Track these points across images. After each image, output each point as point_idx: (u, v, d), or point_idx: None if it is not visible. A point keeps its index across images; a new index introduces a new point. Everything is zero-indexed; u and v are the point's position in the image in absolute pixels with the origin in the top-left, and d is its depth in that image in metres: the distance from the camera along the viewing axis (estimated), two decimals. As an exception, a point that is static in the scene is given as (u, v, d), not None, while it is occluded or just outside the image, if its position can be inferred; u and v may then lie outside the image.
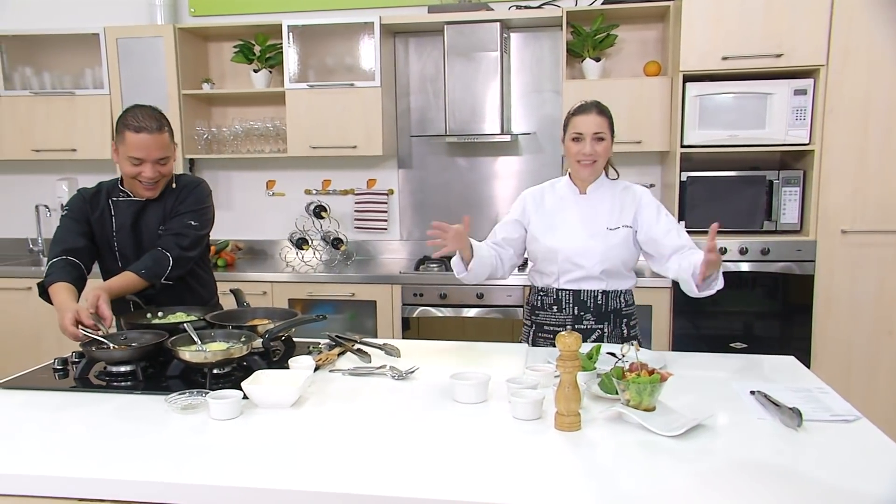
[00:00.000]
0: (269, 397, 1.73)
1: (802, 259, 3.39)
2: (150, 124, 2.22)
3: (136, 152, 2.22)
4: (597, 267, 2.30)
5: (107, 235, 2.36)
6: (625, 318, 2.38)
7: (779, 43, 3.29)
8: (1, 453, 1.49)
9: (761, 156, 3.63)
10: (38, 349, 3.90)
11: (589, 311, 2.34)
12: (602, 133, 2.25)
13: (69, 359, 2.10)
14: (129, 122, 2.22)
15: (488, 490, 1.29)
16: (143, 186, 2.29)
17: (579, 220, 2.33)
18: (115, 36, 3.98)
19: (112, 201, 2.37)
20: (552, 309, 2.38)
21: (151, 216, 2.37)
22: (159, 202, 2.37)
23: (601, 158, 2.28)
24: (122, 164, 2.27)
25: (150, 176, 2.26)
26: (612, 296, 2.34)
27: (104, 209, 2.37)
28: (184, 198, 2.39)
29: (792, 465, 1.40)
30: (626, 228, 2.31)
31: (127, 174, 2.28)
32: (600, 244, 2.29)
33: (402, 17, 3.84)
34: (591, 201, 2.35)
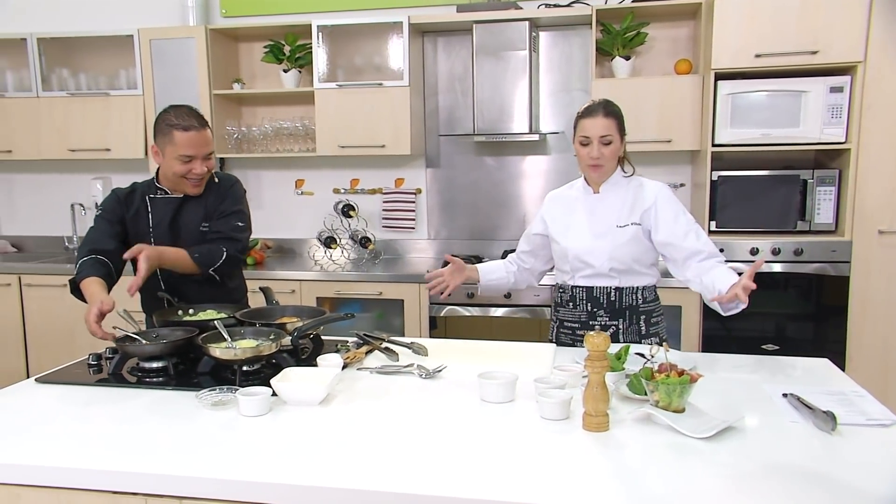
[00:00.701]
0: (297, 394, 1.74)
1: (837, 260, 3.33)
2: (195, 122, 2.29)
3: (187, 150, 2.27)
4: (606, 265, 2.29)
5: (143, 233, 2.40)
6: (643, 314, 2.35)
7: (814, 40, 3.22)
8: (37, 446, 1.53)
9: (795, 155, 3.57)
10: (73, 344, 3.98)
11: (602, 307, 2.34)
12: (609, 136, 2.23)
13: (103, 354, 2.14)
14: (175, 123, 2.27)
15: (516, 489, 1.29)
16: (192, 184, 2.35)
17: (589, 220, 2.33)
18: (149, 37, 4.04)
19: (149, 199, 2.42)
20: (569, 305, 2.40)
21: (191, 213, 2.41)
22: (199, 199, 2.42)
23: (609, 161, 2.27)
24: (171, 164, 2.30)
25: (199, 172, 2.31)
26: (626, 292, 2.33)
27: (140, 207, 2.41)
28: (223, 196, 2.44)
29: (826, 469, 1.37)
30: (636, 226, 2.28)
31: (176, 173, 2.31)
32: (608, 243, 2.29)
33: (430, 17, 3.84)
34: (603, 200, 2.34)
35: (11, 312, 4.10)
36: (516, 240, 4.04)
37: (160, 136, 2.32)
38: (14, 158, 4.34)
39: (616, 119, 2.26)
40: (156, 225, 2.41)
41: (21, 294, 4.09)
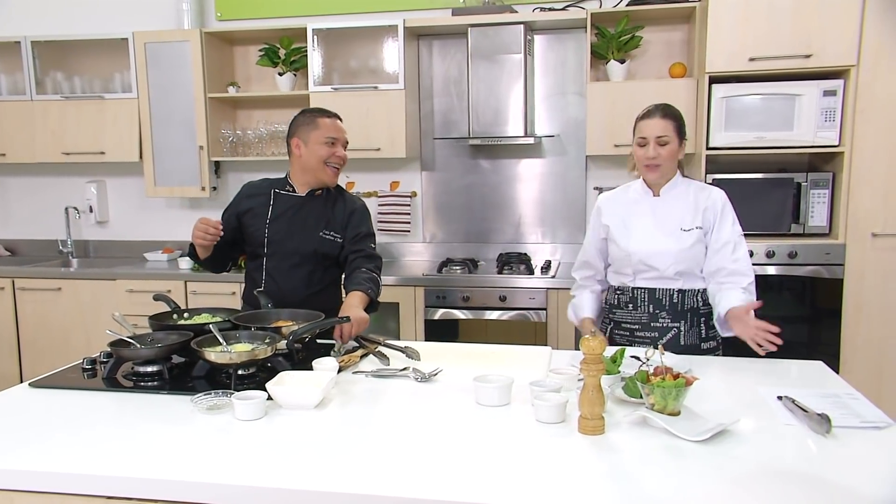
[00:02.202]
0: (293, 398, 1.74)
1: (831, 263, 3.34)
2: (333, 114, 2.54)
3: (333, 132, 2.48)
4: (671, 269, 2.29)
5: (259, 225, 2.53)
6: (703, 317, 2.34)
7: (808, 43, 3.24)
8: (31, 451, 1.52)
9: (789, 158, 3.58)
10: (67, 348, 3.97)
11: (664, 309, 2.32)
12: (665, 136, 2.24)
13: (97, 358, 2.13)
14: (316, 112, 2.52)
15: (512, 493, 1.29)
16: (331, 171, 2.50)
17: (652, 222, 2.32)
18: (144, 41, 4.04)
19: (275, 192, 2.56)
20: (628, 307, 2.38)
21: (311, 214, 2.54)
22: (321, 203, 2.56)
23: (666, 162, 2.27)
24: (316, 149, 2.47)
25: (342, 155, 2.51)
26: (688, 294, 2.32)
27: (264, 200, 2.55)
28: (356, 214, 2.57)
29: (820, 472, 1.38)
30: (699, 230, 2.29)
31: (321, 157, 2.47)
32: (673, 246, 2.28)
33: (426, 20, 3.85)
34: (665, 202, 2.33)
35: (5, 316, 4.09)
36: (512, 243, 4.10)
37: (303, 126, 2.49)
38: (8, 162, 4.33)
39: (674, 121, 2.27)
40: (273, 218, 2.52)
41: (15, 298, 4.08)
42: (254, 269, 2.57)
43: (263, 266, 2.54)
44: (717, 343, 2.36)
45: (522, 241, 4.12)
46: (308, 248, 2.51)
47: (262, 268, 2.54)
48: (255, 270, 2.57)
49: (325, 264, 2.55)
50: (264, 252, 2.53)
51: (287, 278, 2.51)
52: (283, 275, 2.51)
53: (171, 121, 4.10)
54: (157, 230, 4.55)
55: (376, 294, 2.45)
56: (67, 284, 4.02)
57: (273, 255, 2.53)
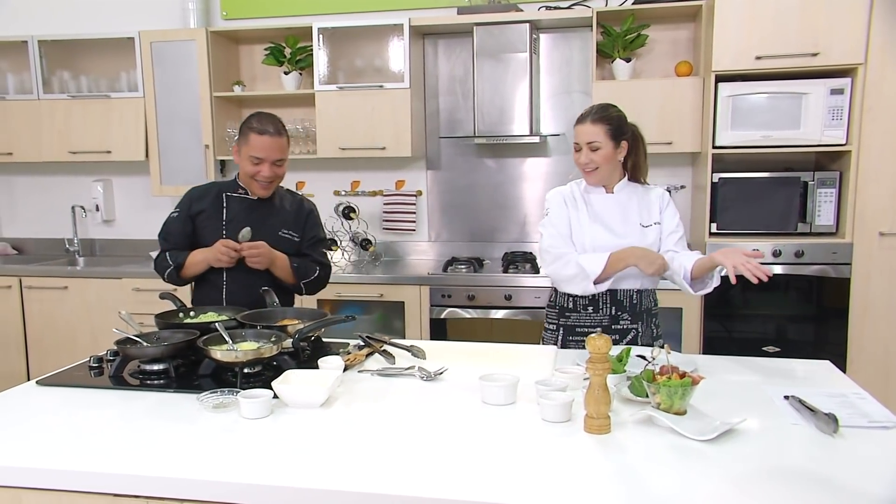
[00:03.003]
0: (298, 397, 1.74)
1: (838, 262, 3.33)
2: (272, 129, 2.43)
3: (258, 152, 2.42)
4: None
5: (215, 228, 2.51)
6: (654, 317, 2.40)
7: (815, 42, 3.23)
8: (38, 448, 1.52)
9: (795, 157, 3.57)
10: (74, 347, 3.99)
11: (626, 310, 2.34)
12: (596, 142, 2.25)
13: (104, 357, 2.14)
14: (253, 126, 2.44)
15: (517, 492, 1.29)
16: (259, 185, 2.48)
17: (612, 218, 2.33)
18: (150, 40, 4.05)
19: (226, 196, 2.55)
20: (587, 310, 2.36)
21: (268, 216, 2.54)
22: (276, 205, 2.58)
23: (602, 165, 2.28)
24: (243, 163, 2.46)
25: (267, 175, 2.45)
26: (644, 295, 2.37)
27: (215, 204, 2.54)
28: (309, 219, 2.63)
29: (827, 471, 1.37)
30: (658, 226, 2.34)
31: (247, 173, 2.47)
32: (636, 241, 2.30)
33: (431, 19, 3.85)
34: (620, 199, 2.35)
35: (12, 314, 4.10)
36: (517, 242, 4.10)
37: (240, 137, 2.47)
38: (15, 161, 4.34)
39: (606, 124, 2.26)
40: (229, 221, 2.51)
41: (22, 296, 4.09)
42: (211, 271, 2.50)
43: (223, 268, 2.47)
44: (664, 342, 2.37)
45: (528, 240, 4.11)
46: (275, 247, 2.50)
47: (222, 269, 2.48)
48: (212, 273, 2.49)
49: None
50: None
51: (249, 278, 2.46)
52: (245, 275, 2.45)
53: (177, 120, 4.10)
54: (163, 229, 4.56)
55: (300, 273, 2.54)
56: (74, 283, 4.03)
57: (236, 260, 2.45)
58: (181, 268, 2.49)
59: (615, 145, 2.28)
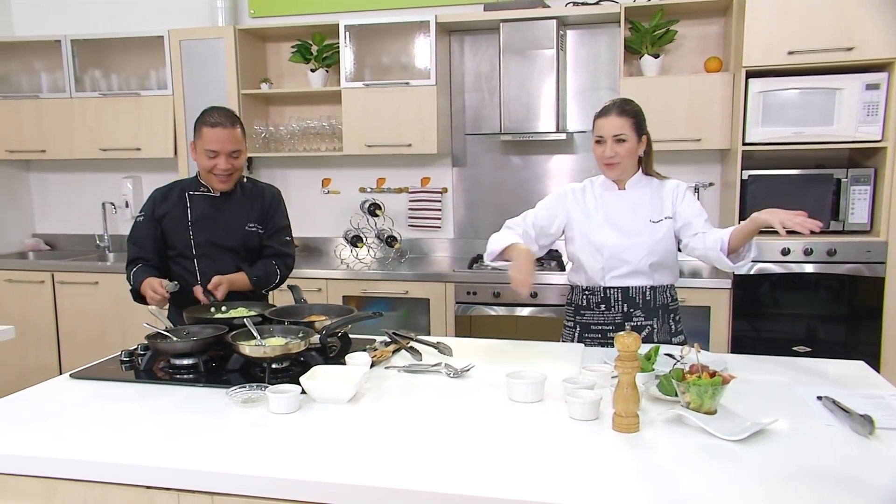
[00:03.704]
0: (326, 392, 1.75)
1: (872, 261, 3.26)
2: (224, 121, 2.42)
3: (212, 145, 2.40)
4: (644, 261, 2.28)
5: (181, 227, 2.50)
6: (671, 313, 2.37)
7: (850, 36, 3.16)
8: (72, 441, 1.55)
9: (828, 153, 3.50)
10: (104, 340, 4.05)
11: (638, 307, 2.32)
12: (622, 135, 2.24)
13: (135, 351, 2.17)
14: (206, 120, 2.42)
15: (545, 489, 1.28)
16: (218, 179, 2.46)
17: (622, 215, 2.32)
18: (179, 38, 4.09)
19: (189, 195, 2.53)
20: (600, 308, 2.36)
21: (233, 211, 2.53)
22: (240, 199, 2.55)
23: (624, 159, 2.27)
24: (200, 158, 2.44)
25: (224, 168, 2.43)
26: (658, 291, 2.34)
27: (178, 204, 2.51)
28: (271, 207, 2.60)
29: (862, 474, 1.34)
30: (669, 220, 2.31)
31: (204, 167, 2.45)
32: (647, 238, 2.28)
33: (457, 16, 3.84)
34: (632, 196, 2.33)
35: (45, 309, 4.18)
36: (543, 239, 4.07)
37: (195, 132, 2.45)
38: (48, 158, 4.42)
39: (631, 118, 2.26)
40: (195, 220, 2.50)
41: (54, 291, 4.17)
42: (182, 271, 2.52)
43: (196, 268, 2.50)
44: (685, 338, 2.37)
45: (553, 238, 4.09)
46: (235, 243, 2.52)
47: (196, 269, 2.50)
48: (185, 272, 2.51)
49: (255, 256, 2.59)
50: (192, 254, 2.50)
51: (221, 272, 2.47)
52: (218, 273, 2.45)
53: (206, 117, 4.14)
54: (191, 225, 4.61)
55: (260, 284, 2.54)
56: (104, 278, 4.09)
57: (203, 255, 2.50)
58: (136, 290, 2.44)
59: (638, 139, 2.28)
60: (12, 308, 4.18)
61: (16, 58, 4.49)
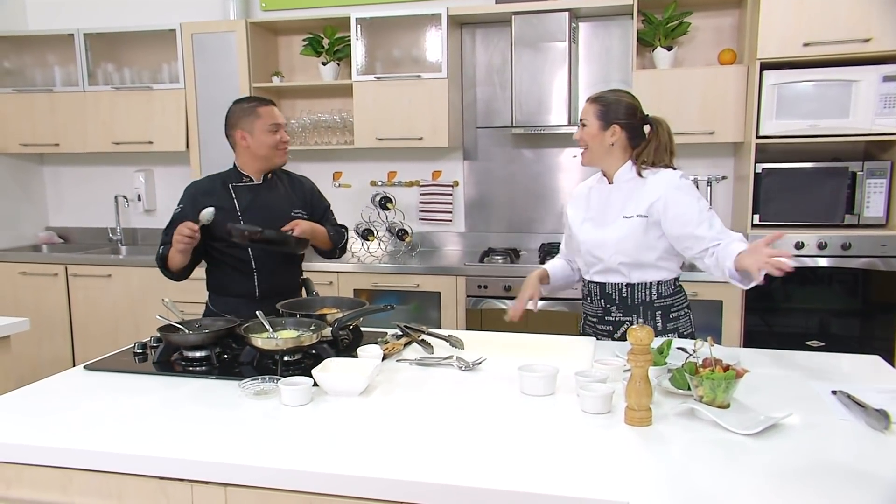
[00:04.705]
0: (338, 385, 1.76)
1: (888, 255, 3.23)
2: (269, 99, 2.58)
3: (275, 119, 2.51)
4: (614, 258, 2.25)
5: (232, 217, 2.50)
6: (658, 310, 2.28)
7: (867, 27, 3.12)
8: (87, 432, 1.56)
9: (844, 146, 3.47)
10: (117, 333, 4.09)
11: (614, 303, 2.31)
12: (584, 119, 2.27)
13: (148, 343, 2.18)
14: (254, 103, 2.53)
15: (558, 482, 1.28)
16: (281, 152, 2.56)
17: (600, 210, 2.32)
18: (191, 31, 4.10)
19: (232, 187, 2.55)
20: (587, 300, 2.42)
21: (277, 198, 2.59)
22: (279, 186, 2.63)
23: (590, 144, 2.27)
24: (262, 137, 2.50)
25: (286, 139, 2.56)
26: (638, 288, 2.28)
27: (222, 196, 2.52)
28: (311, 193, 2.74)
29: (877, 469, 1.33)
30: (641, 218, 2.20)
31: (268, 144, 2.51)
32: (613, 234, 2.25)
33: (469, 9, 3.82)
34: (613, 191, 2.30)
35: (59, 301, 4.22)
36: (554, 233, 4.07)
37: (244, 118, 2.50)
38: (61, 151, 4.45)
39: (599, 105, 2.25)
40: (244, 210, 2.52)
41: (67, 283, 4.20)
42: (236, 262, 2.52)
43: (251, 256, 2.51)
44: (680, 334, 2.29)
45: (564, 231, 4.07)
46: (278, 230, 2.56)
47: (251, 258, 2.51)
48: (238, 263, 2.51)
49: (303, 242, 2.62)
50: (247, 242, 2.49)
51: (278, 264, 2.54)
52: (274, 262, 2.52)
53: (217, 111, 4.11)
54: (203, 219, 4.63)
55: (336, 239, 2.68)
56: (117, 271, 4.12)
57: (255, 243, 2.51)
58: (165, 260, 2.48)
59: (602, 126, 2.24)
60: (27, 301, 4.21)
61: (29, 52, 4.52)
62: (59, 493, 1.51)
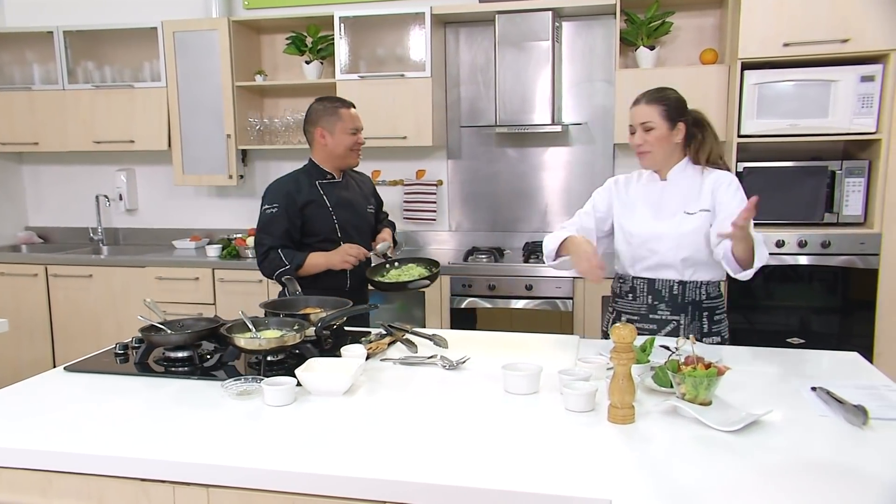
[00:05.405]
0: (322, 385, 1.75)
1: (866, 252, 3.27)
2: (350, 102, 2.69)
3: (356, 122, 2.64)
4: (672, 253, 2.23)
5: (325, 216, 2.61)
6: (706, 311, 2.28)
7: (845, 28, 3.16)
8: (67, 434, 1.55)
9: (823, 145, 3.51)
10: (98, 334, 4.05)
11: (663, 300, 2.28)
12: (649, 122, 2.20)
13: (129, 344, 2.16)
14: (337, 104, 2.65)
15: (541, 480, 1.28)
16: (356, 154, 2.67)
17: (655, 204, 2.28)
18: (172, 29, 4.07)
19: (320, 184, 2.64)
20: (628, 297, 2.35)
21: (353, 194, 2.74)
22: (352, 181, 2.77)
23: (655, 147, 2.22)
24: (342, 139, 2.62)
25: (363, 141, 2.68)
26: (689, 286, 2.26)
27: (313, 193, 2.61)
28: (370, 186, 2.90)
29: (856, 464, 1.35)
30: (704, 213, 2.22)
31: (346, 145, 2.62)
32: (674, 229, 2.23)
33: (452, 7, 3.82)
34: (669, 186, 2.28)
35: (38, 302, 4.17)
36: (538, 231, 4.08)
37: (326, 117, 2.62)
38: (41, 150, 4.40)
39: (661, 105, 2.21)
40: (334, 206, 2.63)
41: (48, 284, 4.15)
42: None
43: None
44: (722, 339, 2.30)
45: (549, 230, 4.08)
46: (366, 225, 2.77)
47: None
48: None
49: (373, 234, 2.81)
50: (338, 237, 2.62)
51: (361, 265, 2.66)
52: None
53: (199, 109, 4.13)
54: (185, 218, 4.60)
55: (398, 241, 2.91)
56: (98, 271, 4.08)
57: (347, 238, 2.64)
58: (300, 268, 2.53)
59: (670, 126, 2.22)
60: (6, 301, 4.16)
61: (8, 49, 4.46)
62: (39, 495, 1.49)
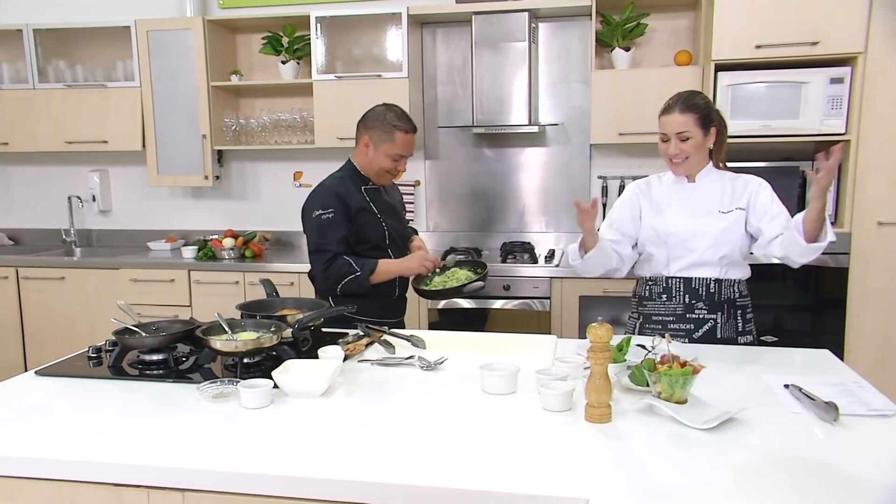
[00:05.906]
0: (299, 387, 1.74)
1: (836, 251, 3.33)
2: (413, 126, 2.55)
3: (404, 150, 2.54)
4: (711, 251, 2.23)
5: (372, 222, 2.57)
6: (739, 309, 2.28)
7: (815, 30, 3.21)
8: (38, 439, 1.52)
9: (795, 146, 3.56)
10: (71, 337, 3.98)
11: (701, 299, 2.26)
12: (686, 132, 2.18)
13: (103, 347, 2.13)
14: (399, 124, 2.51)
15: (518, 480, 1.29)
16: (388, 177, 2.61)
17: (689, 204, 2.28)
18: (146, 28, 4.02)
19: (365, 190, 2.60)
20: (661, 298, 2.31)
21: (391, 200, 2.71)
22: (389, 189, 2.73)
23: (692, 155, 2.22)
24: (380, 159, 2.53)
25: (403, 170, 2.61)
26: (725, 284, 2.26)
27: (360, 199, 2.56)
28: (398, 190, 2.85)
29: (828, 459, 1.37)
30: (740, 211, 2.23)
31: (384, 167, 2.55)
32: (713, 227, 2.23)
33: (429, 8, 3.82)
34: (700, 188, 2.29)
35: (9, 305, 4.09)
36: (515, 232, 4.09)
37: (380, 131, 2.51)
38: (11, 151, 4.32)
39: (696, 112, 2.19)
40: (381, 212, 2.60)
41: (19, 287, 4.08)
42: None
43: (391, 256, 2.61)
44: (754, 337, 2.32)
45: (526, 230, 4.11)
46: (406, 232, 2.77)
47: (390, 258, 2.61)
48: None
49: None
50: (386, 244, 2.61)
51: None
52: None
53: (174, 109, 4.08)
54: (159, 219, 4.55)
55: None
56: (71, 273, 4.02)
57: (393, 244, 2.64)
58: (372, 274, 2.48)
59: (705, 133, 2.21)
60: (-25, 304, 4.08)
61: (-25, 48, 4.38)
62: (8, 502, 1.46)
